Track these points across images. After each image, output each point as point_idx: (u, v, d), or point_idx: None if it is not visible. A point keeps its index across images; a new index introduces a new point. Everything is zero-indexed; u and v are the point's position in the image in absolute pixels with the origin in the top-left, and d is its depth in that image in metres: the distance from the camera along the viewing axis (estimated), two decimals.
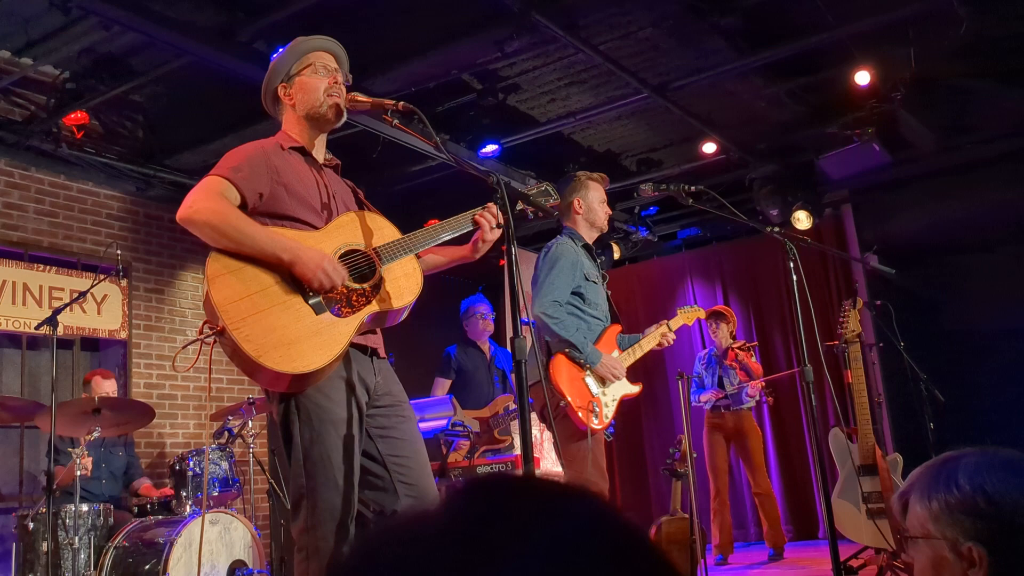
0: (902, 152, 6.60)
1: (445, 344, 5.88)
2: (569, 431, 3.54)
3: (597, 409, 3.58)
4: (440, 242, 2.57)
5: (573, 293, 3.73)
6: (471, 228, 2.60)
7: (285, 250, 2.33)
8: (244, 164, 2.45)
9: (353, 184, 2.80)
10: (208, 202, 2.34)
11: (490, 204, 2.58)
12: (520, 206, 2.70)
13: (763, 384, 6.39)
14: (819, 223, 7.31)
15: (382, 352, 2.59)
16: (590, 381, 3.65)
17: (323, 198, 2.55)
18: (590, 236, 3.97)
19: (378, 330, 2.59)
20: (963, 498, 1.26)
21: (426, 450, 2.63)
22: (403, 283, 2.47)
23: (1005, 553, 1.23)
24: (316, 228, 2.48)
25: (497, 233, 2.59)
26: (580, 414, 3.51)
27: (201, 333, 2.32)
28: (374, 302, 2.42)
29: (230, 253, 2.35)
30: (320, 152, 2.67)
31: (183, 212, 2.35)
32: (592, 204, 3.98)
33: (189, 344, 2.37)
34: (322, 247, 2.40)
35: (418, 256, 2.60)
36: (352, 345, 2.41)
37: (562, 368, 3.58)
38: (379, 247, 2.47)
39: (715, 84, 5.79)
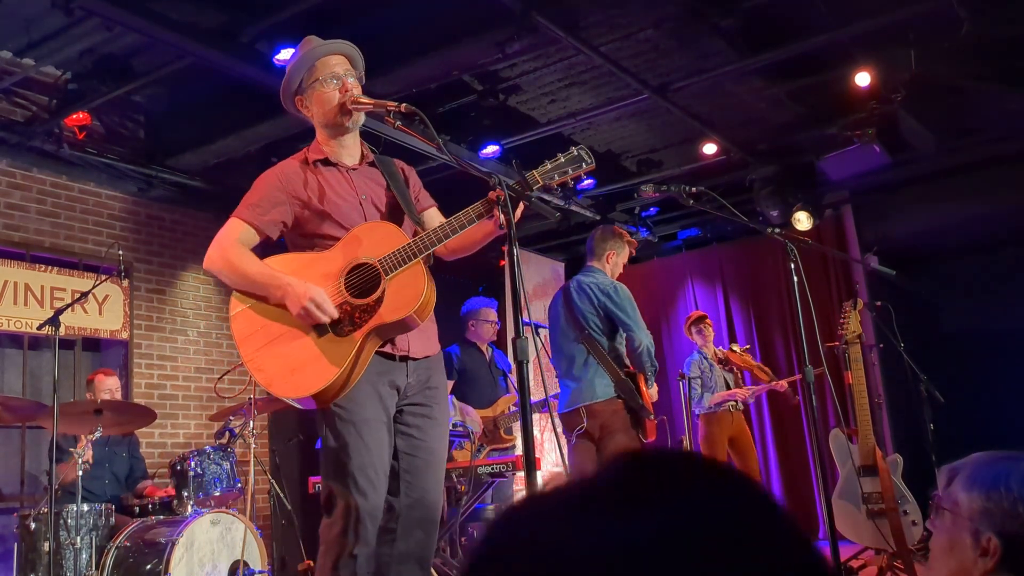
0: (902, 153, 6.60)
1: (444, 345, 5.84)
2: (631, 440, 4.22)
3: None
4: (445, 243, 2.53)
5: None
6: (478, 221, 2.52)
7: (278, 287, 2.47)
8: (262, 200, 2.59)
9: (403, 166, 2.83)
10: (220, 251, 2.55)
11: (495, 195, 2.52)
12: (557, 179, 2.58)
13: (786, 384, 6.40)
14: (819, 224, 7.31)
15: (416, 353, 2.61)
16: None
17: (350, 209, 2.61)
18: None
19: (413, 332, 2.58)
20: (1007, 499, 1.34)
21: (445, 455, 2.67)
22: (406, 291, 2.47)
23: (1019, 556, 1.32)
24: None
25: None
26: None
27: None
28: (377, 315, 2.45)
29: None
30: (350, 153, 2.71)
31: (205, 263, 2.58)
32: (619, 264, 4.61)
33: (226, 374, 2.64)
34: (331, 268, 2.49)
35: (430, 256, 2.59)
36: (378, 353, 2.50)
37: (643, 388, 4.33)
38: (383, 258, 2.48)
39: (715, 85, 5.79)
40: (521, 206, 2.39)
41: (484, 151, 6.20)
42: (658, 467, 0.54)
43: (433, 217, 2.77)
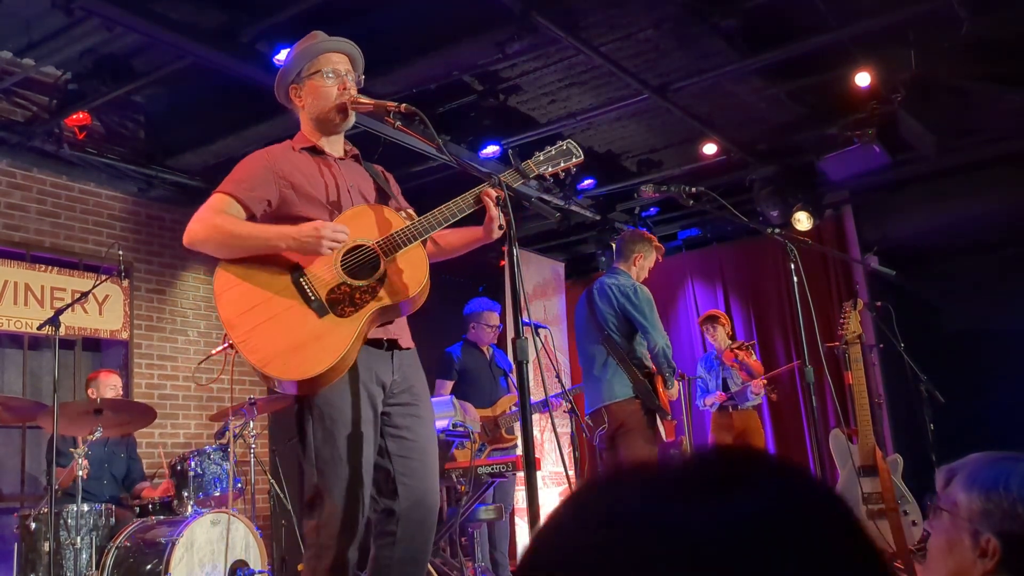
0: (902, 153, 6.60)
1: (445, 345, 5.83)
2: (647, 440, 4.32)
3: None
4: (446, 226, 2.52)
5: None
6: (474, 208, 2.52)
7: (281, 236, 2.38)
8: (246, 176, 2.51)
9: (382, 169, 2.81)
10: (203, 222, 2.43)
11: (488, 188, 2.51)
12: (550, 170, 2.66)
13: (765, 382, 6.38)
14: (819, 224, 7.31)
15: (404, 343, 2.58)
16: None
17: (336, 194, 2.56)
18: None
19: (402, 319, 2.57)
20: (1007, 499, 1.33)
21: (437, 453, 2.63)
22: (408, 273, 2.44)
23: (1019, 557, 1.30)
24: None
25: (500, 222, 2.52)
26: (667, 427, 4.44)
27: (224, 342, 2.45)
28: (379, 297, 2.41)
29: (234, 265, 2.42)
30: (336, 146, 2.69)
31: (186, 238, 2.46)
32: (645, 267, 4.79)
33: (213, 354, 2.50)
34: None
35: (427, 242, 2.58)
36: (367, 341, 2.42)
37: (660, 389, 4.45)
38: (382, 239, 2.45)
39: (715, 85, 5.79)
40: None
41: (484, 151, 6.19)
42: (748, 460, 0.58)
43: None
